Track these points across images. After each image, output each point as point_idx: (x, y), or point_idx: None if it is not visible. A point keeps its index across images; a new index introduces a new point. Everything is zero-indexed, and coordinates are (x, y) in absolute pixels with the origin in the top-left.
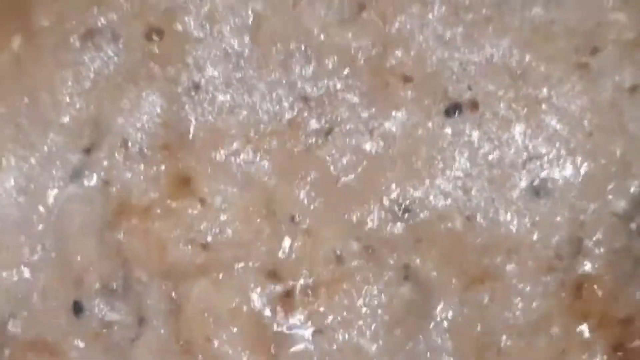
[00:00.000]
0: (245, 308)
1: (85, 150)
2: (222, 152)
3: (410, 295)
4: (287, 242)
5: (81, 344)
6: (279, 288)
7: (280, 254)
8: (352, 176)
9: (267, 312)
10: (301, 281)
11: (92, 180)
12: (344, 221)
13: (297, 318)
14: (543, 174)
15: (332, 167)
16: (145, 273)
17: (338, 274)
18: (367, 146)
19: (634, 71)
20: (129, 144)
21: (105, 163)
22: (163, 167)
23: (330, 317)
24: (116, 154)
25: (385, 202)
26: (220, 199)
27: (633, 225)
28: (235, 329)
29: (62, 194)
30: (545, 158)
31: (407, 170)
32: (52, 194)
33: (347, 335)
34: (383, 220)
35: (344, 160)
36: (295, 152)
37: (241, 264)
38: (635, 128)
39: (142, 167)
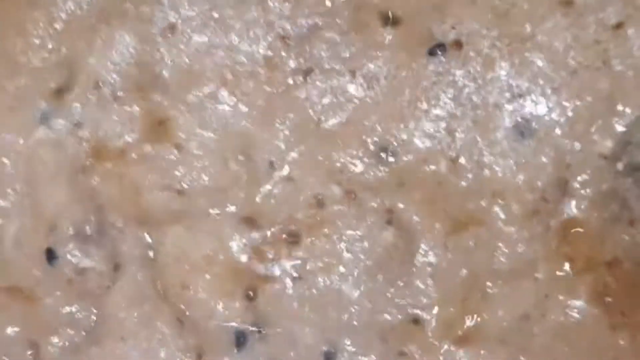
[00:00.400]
0: (221, 255)
1: (56, 92)
2: (197, 94)
3: (393, 240)
4: (265, 188)
5: (56, 291)
6: (256, 235)
7: (258, 200)
8: (333, 119)
9: (245, 259)
10: (281, 227)
11: (64, 124)
12: (325, 166)
13: (276, 264)
14: (527, 114)
15: (311, 110)
16: (119, 219)
17: (319, 219)
18: (348, 87)
19: (618, 8)
20: (102, 85)
21: (77, 105)
22: (137, 109)
23: (311, 263)
24: (89, 96)
25: (368, 145)
26: (196, 144)
27: (619, 165)
28: (211, 276)
29: (32, 137)
30: (530, 97)
31: (390, 112)
32: (22, 138)
33: (328, 281)
34: (365, 164)
35: (325, 102)
36: (273, 94)
37: (217, 211)
38: (620, 65)
39: (115, 108)
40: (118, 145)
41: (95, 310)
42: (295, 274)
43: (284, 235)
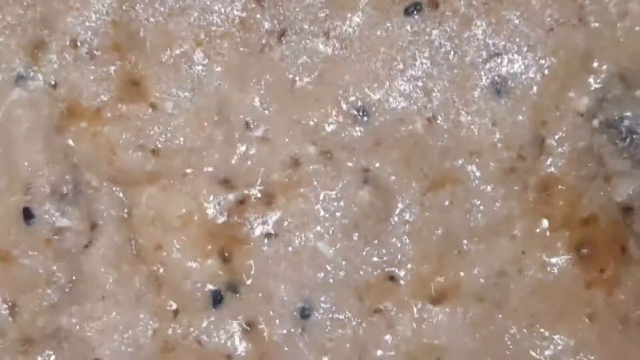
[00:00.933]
0: (197, 215)
1: (31, 51)
2: (172, 54)
3: (370, 199)
4: (241, 149)
5: (33, 251)
6: (232, 195)
7: (234, 161)
8: (308, 79)
9: (220, 219)
10: (257, 187)
11: (39, 83)
12: (301, 126)
13: (252, 224)
14: (504, 72)
15: (286, 70)
16: (95, 178)
17: (295, 179)
18: (323, 48)
19: None
20: (78, 44)
21: (53, 64)
22: (113, 69)
23: (287, 221)
24: (65, 55)
25: (343, 105)
26: (171, 104)
27: (595, 122)
28: (186, 236)
29: (7, 97)
30: (506, 56)
31: (366, 72)
32: None
33: (303, 239)
34: (341, 123)
35: (299, 63)
36: (248, 55)
37: (192, 171)
38: (596, 22)
39: (91, 68)
40: (93, 104)
41: (73, 270)
42: (271, 232)
43: (259, 195)
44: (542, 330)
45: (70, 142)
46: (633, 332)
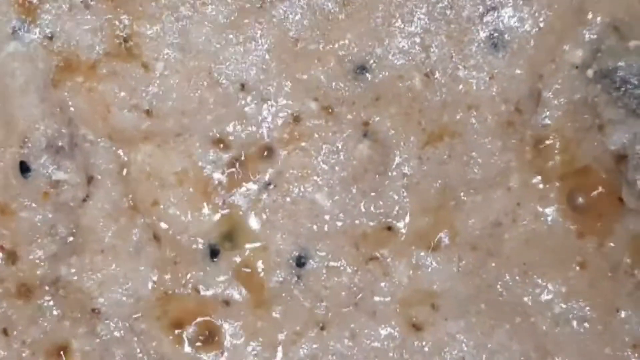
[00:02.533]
0: (192, 172)
1: (28, 2)
2: (168, 11)
3: (369, 152)
4: (238, 107)
5: (31, 204)
6: (227, 155)
7: (231, 119)
8: (308, 37)
9: (216, 176)
10: (255, 145)
11: (35, 36)
12: (301, 82)
13: (249, 177)
14: (500, 26)
15: (286, 28)
16: (91, 132)
17: (296, 134)
18: (323, 5)
19: None
20: None
21: (48, 14)
22: (107, 20)
23: (287, 174)
24: (60, 4)
25: (344, 62)
26: (162, 65)
27: (589, 73)
28: (183, 191)
29: (2, 51)
30: (502, 9)
31: (365, 29)
32: None
33: (302, 190)
34: (341, 80)
35: (299, 20)
36: (248, 13)
37: (188, 131)
38: None
39: (86, 17)
40: (89, 57)
41: (72, 223)
42: (269, 183)
43: (258, 151)
44: (534, 277)
45: (66, 96)
46: (622, 279)
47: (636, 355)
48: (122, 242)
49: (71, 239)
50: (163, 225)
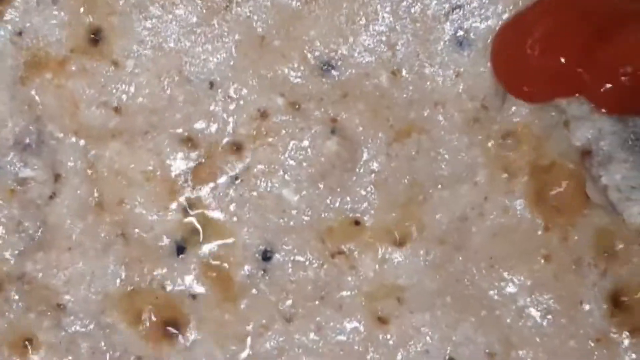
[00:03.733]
0: (160, 170)
1: None
2: (136, 9)
3: (337, 148)
4: (206, 108)
5: None
6: (194, 154)
7: (198, 120)
8: (273, 33)
9: (184, 175)
10: (223, 141)
11: (3, 32)
12: (268, 79)
13: (217, 174)
14: (465, 25)
15: (252, 26)
16: (58, 129)
17: (263, 130)
18: (288, 3)
19: None
20: None
21: (16, 9)
22: (75, 15)
23: (254, 169)
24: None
25: (310, 59)
26: (133, 63)
27: None
28: (150, 190)
29: None
30: (467, 8)
31: (329, 27)
32: None
33: (269, 185)
34: (308, 76)
35: (265, 19)
36: (212, 10)
37: (155, 130)
38: None
39: (54, 12)
40: (59, 53)
41: (39, 221)
42: (236, 177)
43: (226, 147)
44: (500, 271)
45: (35, 93)
46: (586, 272)
47: (600, 348)
48: (89, 239)
49: (38, 235)
50: (130, 223)
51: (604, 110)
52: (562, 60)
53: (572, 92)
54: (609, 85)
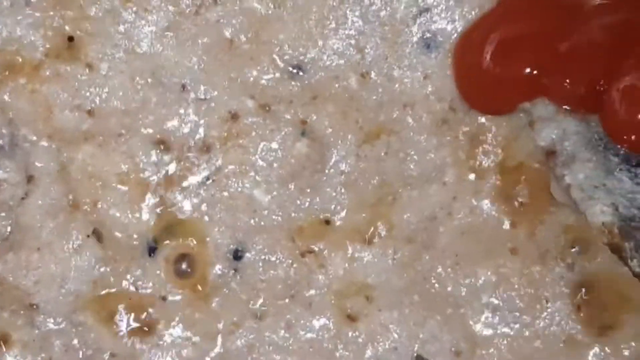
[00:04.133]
0: (133, 173)
1: None
2: (108, 14)
3: (307, 150)
4: (178, 110)
5: None
6: (167, 157)
7: (170, 123)
8: (243, 38)
9: (156, 176)
10: (194, 144)
11: None
12: (238, 82)
13: (188, 174)
14: (433, 27)
15: (222, 30)
16: (32, 132)
17: (234, 132)
18: (257, 7)
19: None
20: None
21: None
22: (48, 17)
23: (225, 169)
24: (2, 0)
25: (279, 62)
26: (107, 66)
27: None
28: (122, 192)
29: None
30: (435, 11)
31: (298, 31)
32: None
33: (240, 185)
34: (278, 79)
35: (234, 23)
36: (184, 16)
37: (127, 132)
38: None
39: (27, 13)
40: (33, 57)
41: (10, 221)
42: (207, 178)
43: (197, 148)
44: (466, 269)
45: (8, 97)
46: (551, 266)
47: (566, 346)
48: (60, 240)
49: (9, 236)
50: (103, 224)
51: (566, 107)
52: (520, 66)
53: (533, 95)
54: (568, 81)
